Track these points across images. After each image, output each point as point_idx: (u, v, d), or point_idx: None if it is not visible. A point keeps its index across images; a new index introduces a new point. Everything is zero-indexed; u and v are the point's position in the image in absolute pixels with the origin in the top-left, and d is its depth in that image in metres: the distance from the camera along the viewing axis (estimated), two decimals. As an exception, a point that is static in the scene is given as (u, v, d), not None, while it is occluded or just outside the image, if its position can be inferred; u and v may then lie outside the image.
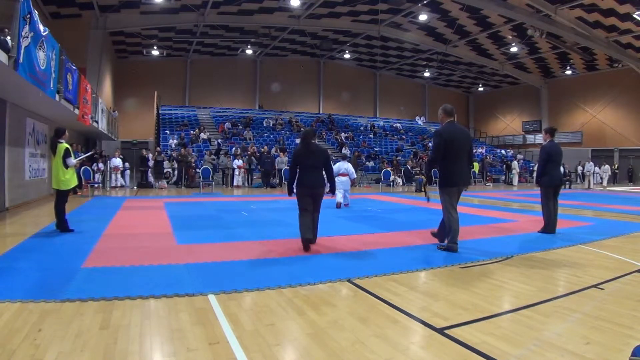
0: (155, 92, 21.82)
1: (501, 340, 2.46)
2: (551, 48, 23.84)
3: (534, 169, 23.38)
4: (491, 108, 35.01)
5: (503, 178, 24.17)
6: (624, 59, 22.27)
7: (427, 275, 3.98)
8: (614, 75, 25.72)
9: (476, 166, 22.05)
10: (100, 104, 15.06)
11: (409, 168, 18.72)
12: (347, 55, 29.11)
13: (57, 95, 8.53)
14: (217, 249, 4.91)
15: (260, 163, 17.75)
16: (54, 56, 8.01)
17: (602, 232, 6.43)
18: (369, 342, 2.43)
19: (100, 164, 15.43)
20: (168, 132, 21.79)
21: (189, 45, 24.91)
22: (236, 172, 17.39)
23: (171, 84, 26.50)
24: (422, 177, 16.20)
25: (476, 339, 2.47)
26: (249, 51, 27.01)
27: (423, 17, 21.08)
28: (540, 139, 27.11)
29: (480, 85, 34.26)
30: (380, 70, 32.60)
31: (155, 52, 25.10)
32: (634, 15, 17.66)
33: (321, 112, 30.45)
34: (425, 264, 4.36)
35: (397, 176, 18.61)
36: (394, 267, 4.11)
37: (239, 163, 17.41)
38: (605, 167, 23.19)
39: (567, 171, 20.65)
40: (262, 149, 19.18)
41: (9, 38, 5.80)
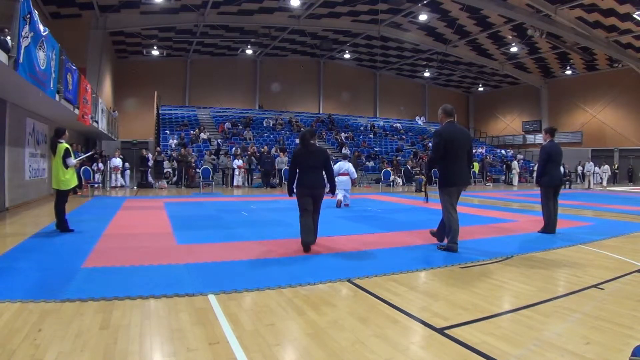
0: (155, 92, 21.83)
1: (501, 340, 2.46)
2: (551, 48, 23.84)
3: (534, 169, 23.38)
4: (491, 108, 35.01)
5: (503, 178, 24.18)
6: (624, 59, 22.27)
7: (427, 275, 3.98)
8: (614, 75, 25.72)
9: (476, 166, 22.06)
10: (100, 104, 15.06)
11: (409, 168, 18.72)
12: (347, 55, 29.10)
13: (57, 95, 8.53)
14: (217, 249, 4.91)
15: (260, 163, 17.75)
16: (54, 56, 8.01)
17: (602, 232, 6.43)
18: (369, 342, 2.43)
19: (100, 164, 15.43)
20: (168, 132, 21.80)
21: (189, 45, 24.91)
22: (236, 172, 17.40)
23: (171, 84, 26.51)
24: (422, 177, 16.21)
25: (476, 339, 2.47)
26: (249, 51, 27.01)
27: (423, 17, 21.09)
28: (540, 139, 27.12)
29: (480, 85, 34.26)
30: (380, 70, 32.60)
31: (155, 52, 25.10)
32: (634, 15, 17.66)
33: (321, 112, 30.44)
34: (425, 264, 4.36)
35: (397, 176, 18.61)
36: (394, 267, 4.11)
37: (239, 163, 17.41)
38: (605, 167, 23.18)
39: (567, 171, 20.66)
40: (262, 149, 19.18)
41: (9, 38, 5.80)
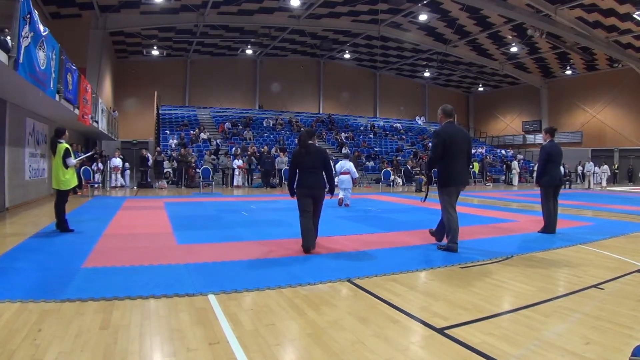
0: (155, 92, 21.84)
1: (501, 340, 2.46)
2: (551, 48, 23.84)
3: (534, 169, 23.39)
4: (491, 108, 35.00)
5: (503, 178, 24.19)
6: (624, 59, 22.27)
7: (427, 275, 3.98)
8: (614, 75, 25.72)
9: (476, 166, 22.08)
10: (100, 104, 15.06)
11: (409, 168, 18.71)
12: (347, 55, 29.09)
13: (57, 95, 8.53)
14: (217, 249, 4.91)
15: (260, 163, 17.76)
16: (54, 56, 8.00)
17: (602, 232, 6.44)
18: (369, 342, 2.43)
19: (100, 164, 15.43)
20: (168, 132, 21.80)
21: (189, 45, 24.90)
22: (236, 172, 17.40)
23: (171, 84, 26.51)
24: (422, 177, 16.21)
25: (476, 339, 2.47)
26: (249, 51, 27.00)
27: (423, 17, 21.08)
28: (540, 139, 27.14)
29: (480, 85, 34.25)
30: (380, 70, 32.60)
31: (155, 52, 25.09)
32: (634, 15, 17.66)
33: (321, 112, 30.44)
34: (425, 264, 4.36)
35: (397, 176, 18.62)
36: (394, 267, 4.11)
37: (239, 163, 17.41)
38: (604, 168, 23.18)
39: (567, 171, 20.66)
40: (262, 149, 19.19)
41: (9, 38, 5.80)
